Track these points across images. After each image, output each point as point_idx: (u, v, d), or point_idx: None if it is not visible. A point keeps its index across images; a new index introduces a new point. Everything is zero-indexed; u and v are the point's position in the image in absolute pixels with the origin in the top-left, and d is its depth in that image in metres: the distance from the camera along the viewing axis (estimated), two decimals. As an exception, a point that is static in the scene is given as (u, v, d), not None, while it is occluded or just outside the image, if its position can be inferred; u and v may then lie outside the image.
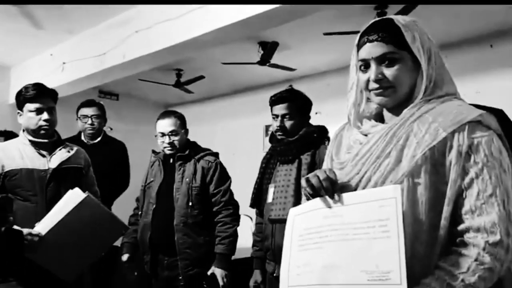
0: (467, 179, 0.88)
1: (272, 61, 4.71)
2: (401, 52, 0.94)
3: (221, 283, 2.14)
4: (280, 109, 2.02)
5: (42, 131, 2.02)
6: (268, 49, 4.54)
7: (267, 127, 5.80)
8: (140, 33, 3.93)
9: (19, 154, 2.03)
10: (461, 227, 0.89)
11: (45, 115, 2.00)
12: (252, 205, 2.19)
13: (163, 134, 2.30)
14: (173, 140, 2.28)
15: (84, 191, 1.97)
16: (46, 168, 2.02)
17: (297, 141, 1.98)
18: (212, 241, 2.24)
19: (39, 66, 5.23)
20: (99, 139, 3.17)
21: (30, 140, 2.04)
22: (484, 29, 4.21)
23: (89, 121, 3.09)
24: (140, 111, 7.25)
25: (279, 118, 2.02)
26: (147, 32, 3.86)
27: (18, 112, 2.08)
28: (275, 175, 2.04)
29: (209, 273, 2.18)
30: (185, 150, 2.31)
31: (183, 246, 2.19)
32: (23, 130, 2.08)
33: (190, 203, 2.20)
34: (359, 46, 1.00)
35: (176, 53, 3.96)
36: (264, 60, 4.69)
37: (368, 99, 1.04)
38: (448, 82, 0.99)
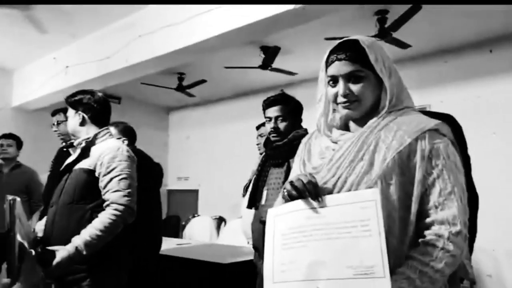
0: (430, 179, 1.00)
1: (274, 65, 4.75)
2: (366, 71, 1.06)
3: None
4: (273, 111, 2.09)
5: None
6: (270, 53, 4.57)
7: (268, 131, 5.82)
8: (143, 38, 3.97)
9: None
10: (427, 220, 1.00)
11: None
12: (248, 206, 2.23)
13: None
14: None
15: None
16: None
17: (286, 145, 2.04)
18: None
19: (42, 69, 5.26)
20: None
21: None
22: (484, 34, 4.25)
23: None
24: (142, 114, 7.29)
25: (273, 120, 2.09)
26: (150, 36, 3.91)
27: None
28: (268, 178, 2.11)
29: None
30: None
31: None
32: None
33: None
34: (328, 63, 1.10)
35: (179, 58, 4.00)
36: (266, 65, 4.73)
37: (334, 110, 1.15)
38: (407, 96, 1.12)
